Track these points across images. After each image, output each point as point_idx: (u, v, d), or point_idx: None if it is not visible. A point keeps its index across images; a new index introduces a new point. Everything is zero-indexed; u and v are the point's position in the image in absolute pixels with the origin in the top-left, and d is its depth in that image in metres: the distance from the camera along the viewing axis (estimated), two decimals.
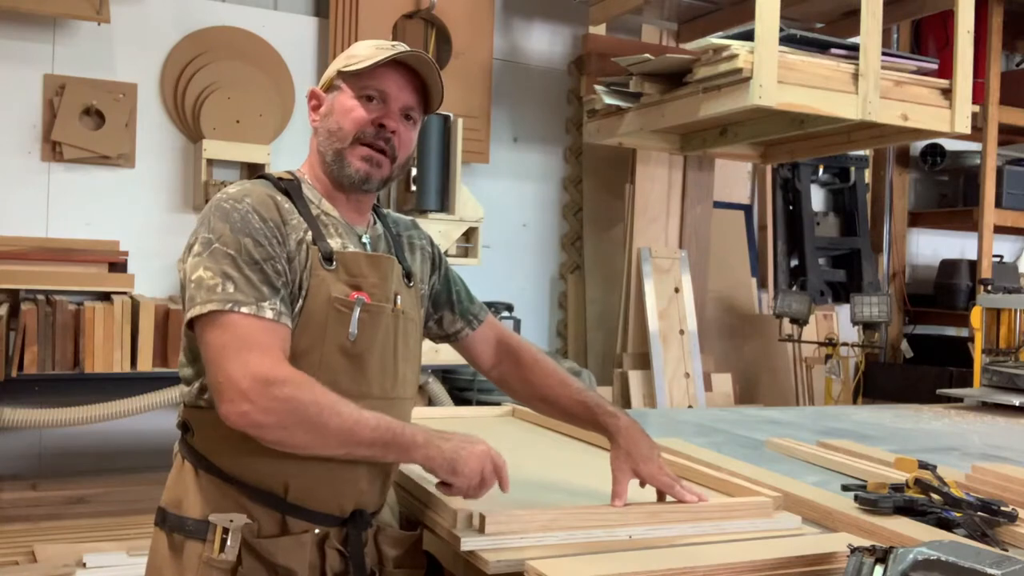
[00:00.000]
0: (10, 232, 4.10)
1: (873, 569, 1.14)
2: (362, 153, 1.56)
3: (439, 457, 1.44)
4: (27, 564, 3.23)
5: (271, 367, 1.38)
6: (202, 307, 1.40)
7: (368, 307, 1.52)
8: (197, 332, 1.43)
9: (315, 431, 1.38)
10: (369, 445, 1.41)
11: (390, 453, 1.45)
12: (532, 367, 1.79)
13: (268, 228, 1.47)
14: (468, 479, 1.45)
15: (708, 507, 1.58)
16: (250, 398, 1.35)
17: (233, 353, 1.38)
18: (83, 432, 4.07)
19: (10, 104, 4.17)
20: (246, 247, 1.44)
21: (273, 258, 1.46)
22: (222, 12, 4.56)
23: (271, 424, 1.37)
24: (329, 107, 1.60)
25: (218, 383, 1.38)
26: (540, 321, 5.32)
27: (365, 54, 1.57)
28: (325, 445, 1.41)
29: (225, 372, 1.37)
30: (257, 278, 1.43)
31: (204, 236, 1.46)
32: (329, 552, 1.51)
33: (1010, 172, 5.62)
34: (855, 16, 3.99)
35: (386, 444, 1.42)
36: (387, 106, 1.57)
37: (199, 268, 1.43)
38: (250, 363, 1.37)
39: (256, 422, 1.37)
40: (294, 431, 1.38)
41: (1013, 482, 1.82)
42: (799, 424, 2.98)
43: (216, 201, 1.50)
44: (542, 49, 5.32)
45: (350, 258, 1.54)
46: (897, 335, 5.91)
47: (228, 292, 1.41)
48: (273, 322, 1.42)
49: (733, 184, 5.66)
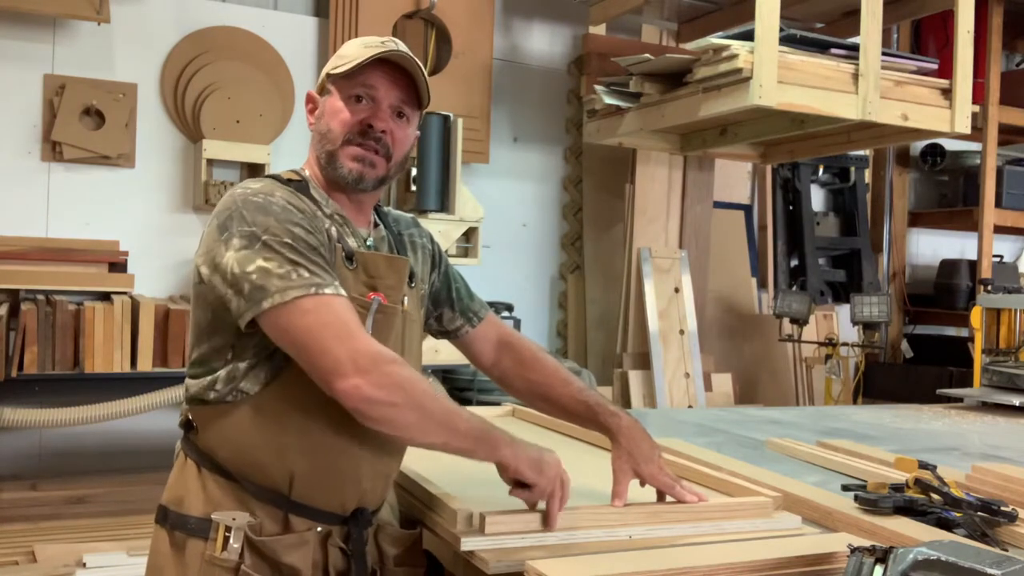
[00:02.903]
0: (10, 232, 4.10)
1: (873, 569, 1.14)
2: (353, 153, 1.55)
3: (527, 457, 1.46)
4: (27, 564, 3.23)
5: (375, 344, 1.39)
6: (283, 295, 1.38)
7: (384, 308, 1.53)
8: (276, 321, 1.39)
9: (421, 412, 1.39)
10: (464, 436, 1.42)
11: (480, 448, 1.45)
12: (533, 365, 1.79)
13: (307, 217, 1.48)
14: (551, 482, 1.46)
15: (708, 507, 1.58)
16: (366, 371, 1.35)
17: (334, 332, 1.37)
18: (83, 432, 4.07)
19: (10, 104, 4.17)
20: (299, 235, 1.43)
21: (323, 245, 1.47)
22: (222, 12, 4.56)
23: (382, 400, 1.36)
24: (321, 110, 1.59)
25: (327, 364, 1.36)
26: (540, 321, 5.32)
27: (352, 54, 1.56)
28: (426, 430, 1.41)
29: (331, 352, 1.36)
30: (322, 262, 1.44)
31: (245, 230, 1.43)
32: (331, 550, 1.52)
33: (1010, 172, 5.62)
34: (855, 16, 3.99)
35: (478, 438, 1.43)
36: (376, 105, 1.56)
37: (255, 260, 1.40)
38: (357, 340, 1.37)
39: (368, 396, 1.36)
40: (403, 409, 1.38)
41: (1013, 482, 1.82)
42: (799, 424, 2.98)
43: (242, 196, 1.47)
44: (542, 49, 5.32)
45: (369, 259, 1.55)
46: (897, 335, 5.91)
47: (305, 277, 1.39)
48: (350, 298, 1.44)
49: (733, 184, 5.66)
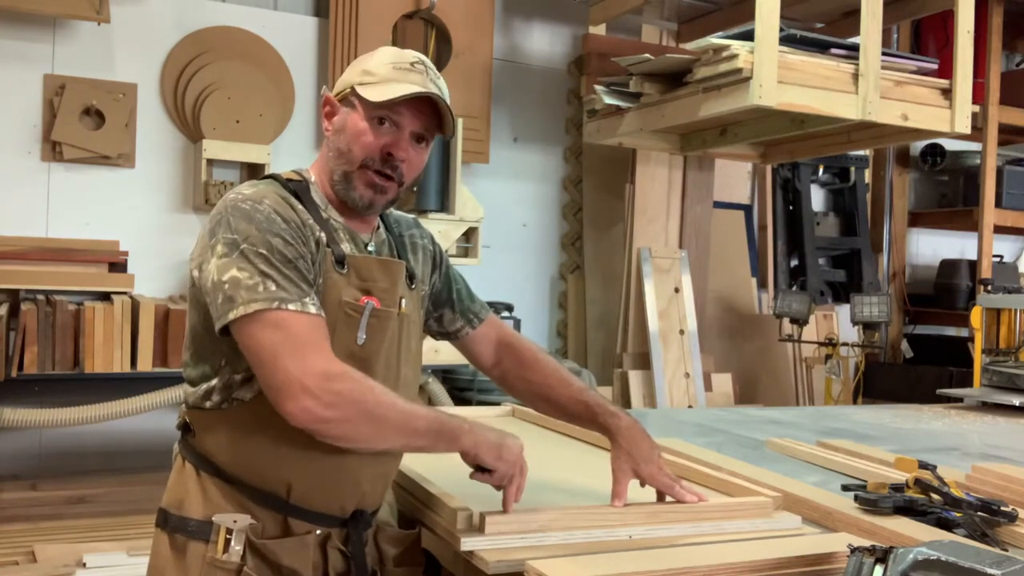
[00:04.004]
0: (10, 232, 4.10)
1: (873, 569, 1.14)
2: (368, 179, 1.54)
3: (486, 443, 1.47)
4: (27, 564, 3.23)
5: (328, 362, 1.38)
6: (246, 307, 1.38)
7: (377, 312, 1.52)
8: (240, 333, 1.40)
9: (376, 422, 1.39)
10: (424, 434, 1.43)
11: (441, 441, 1.45)
12: (533, 366, 1.79)
13: (292, 228, 1.46)
14: (511, 466, 1.48)
15: (708, 507, 1.58)
16: (313, 393, 1.35)
17: (289, 351, 1.37)
18: (83, 432, 4.08)
19: (10, 104, 4.17)
20: (276, 246, 1.43)
21: (302, 256, 1.46)
22: (222, 12, 4.56)
23: (335, 418, 1.37)
24: (342, 123, 1.56)
25: (277, 383, 1.37)
26: (540, 321, 5.32)
27: (382, 74, 1.53)
28: (384, 437, 1.42)
29: (284, 371, 1.36)
30: (294, 275, 1.43)
31: (228, 237, 1.43)
32: (331, 552, 1.52)
33: (1010, 172, 5.62)
34: (855, 16, 3.99)
35: (438, 432, 1.44)
36: (399, 132, 1.54)
37: (231, 269, 1.41)
38: (308, 360, 1.37)
39: (320, 417, 1.36)
40: (358, 424, 1.38)
41: (1013, 482, 1.82)
42: (799, 424, 2.98)
43: (232, 202, 1.48)
44: (542, 49, 5.32)
45: (361, 262, 1.54)
46: (897, 335, 5.91)
47: (271, 291, 1.40)
48: (318, 317, 1.42)
49: (733, 184, 5.66)
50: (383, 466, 1.59)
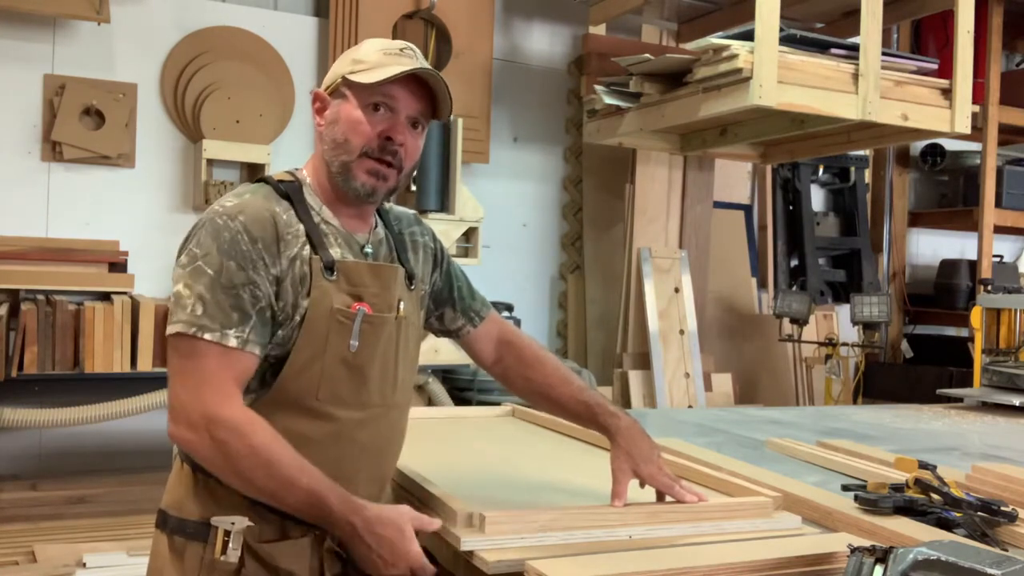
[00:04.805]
0: (10, 232, 4.10)
1: (873, 569, 1.14)
2: (369, 167, 1.53)
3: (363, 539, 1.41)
4: (27, 564, 3.23)
5: (219, 404, 1.40)
6: (172, 326, 1.44)
7: (370, 318, 1.51)
8: (167, 345, 1.47)
9: (241, 480, 1.42)
10: (293, 507, 1.43)
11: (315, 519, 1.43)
12: (534, 364, 1.78)
13: (255, 250, 1.45)
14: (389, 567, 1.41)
15: (708, 507, 1.58)
16: (195, 430, 1.40)
17: (190, 381, 1.41)
18: (83, 432, 4.08)
19: (10, 104, 4.17)
20: (228, 269, 1.43)
21: (253, 283, 1.44)
22: (222, 12, 4.56)
23: (205, 460, 1.43)
24: (335, 115, 1.54)
25: (170, 403, 1.44)
26: (540, 321, 5.32)
27: (372, 60, 1.52)
28: (248, 492, 1.44)
29: (177, 398, 1.43)
30: (229, 303, 1.43)
31: (192, 250, 1.47)
32: (328, 555, 1.51)
33: (1010, 172, 5.62)
34: (855, 16, 3.99)
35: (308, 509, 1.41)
36: (395, 116, 1.53)
37: (180, 283, 1.46)
38: (202, 396, 1.40)
39: (195, 452, 1.43)
40: (224, 474, 1.43)
41: (1013, 482, 1.82)
42: (799, 424, 2.98)
43: (211, 214, 1.48)
44: (542, 49, 5.32)
45: (352, 268, 1.52)
46: (897, 335, 5.91)
47: (196, 315, 1.42)
48: (236, 350, 1.42)
49: (733, 184, 5.66)
50: (380, 468, 1.59)
